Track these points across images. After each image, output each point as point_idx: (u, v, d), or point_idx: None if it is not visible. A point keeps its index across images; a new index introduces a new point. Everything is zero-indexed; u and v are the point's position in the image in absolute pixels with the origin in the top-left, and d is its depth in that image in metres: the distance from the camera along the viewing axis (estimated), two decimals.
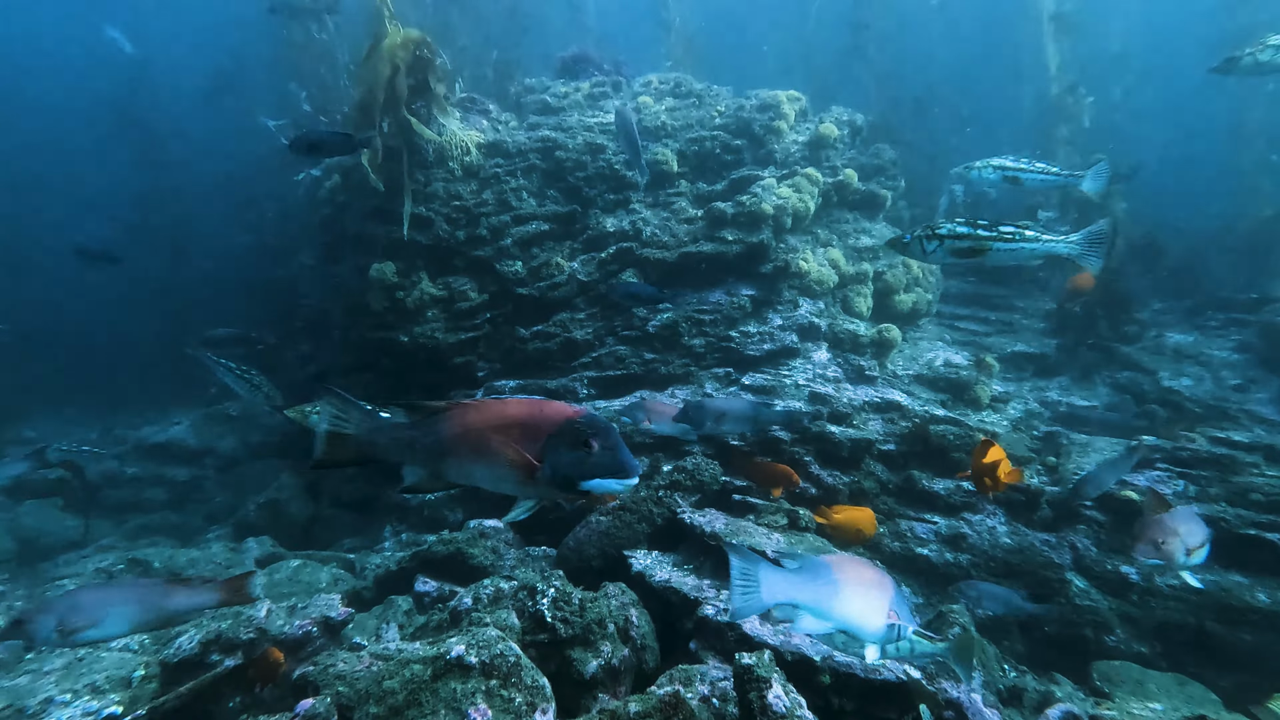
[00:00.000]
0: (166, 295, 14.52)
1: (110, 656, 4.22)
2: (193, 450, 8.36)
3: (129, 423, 9.46)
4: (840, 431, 6.24)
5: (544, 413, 2.24)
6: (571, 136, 8.27)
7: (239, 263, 13.53)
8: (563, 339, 7.74)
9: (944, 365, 7.21)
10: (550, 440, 2.17)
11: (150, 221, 15.79)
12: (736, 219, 7.59)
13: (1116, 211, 9.16)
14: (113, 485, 7.85)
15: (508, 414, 2.28)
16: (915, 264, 7.75)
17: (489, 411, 2.32)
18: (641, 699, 2.55)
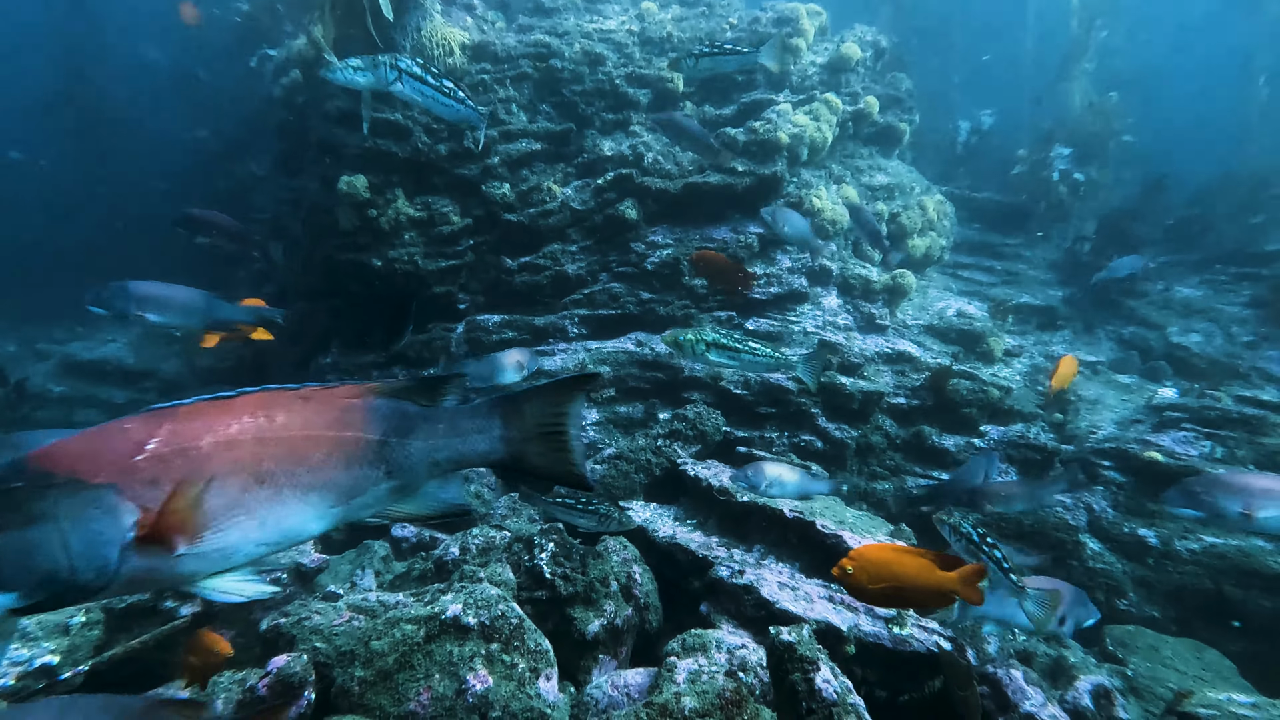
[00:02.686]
0: (93, 201, 13.01)
1: None
2: (131, 370, 7.54)
3: (53, 337, 8.50)
4: (851, 383, 5.91)
5: None
6: (568, 44, 7.38)
7: (179, 165, 12.17)
8: (553, 272, 7.12)
9: (956, 315, 6.89)
10: None
11: (74, 117, 14.03)
12: (748, 147, 6.96)
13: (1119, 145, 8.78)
14: (37, 404, 7.04)
15: None
16: (931, 206, 7.30)
17: None
18: (698, 695, 2.20)
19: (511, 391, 1.85)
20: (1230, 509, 3.13)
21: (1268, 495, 3.11)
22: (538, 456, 1.80)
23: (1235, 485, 3.20)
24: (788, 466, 4.42)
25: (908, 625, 3.57)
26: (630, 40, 7.65)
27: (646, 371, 6.68)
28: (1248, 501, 3.12)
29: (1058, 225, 8.67)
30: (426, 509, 1.81)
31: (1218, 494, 3.18)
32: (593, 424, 6.43)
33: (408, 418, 1.73)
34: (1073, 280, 7.86)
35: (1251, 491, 3.10)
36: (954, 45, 11.67)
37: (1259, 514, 3.09)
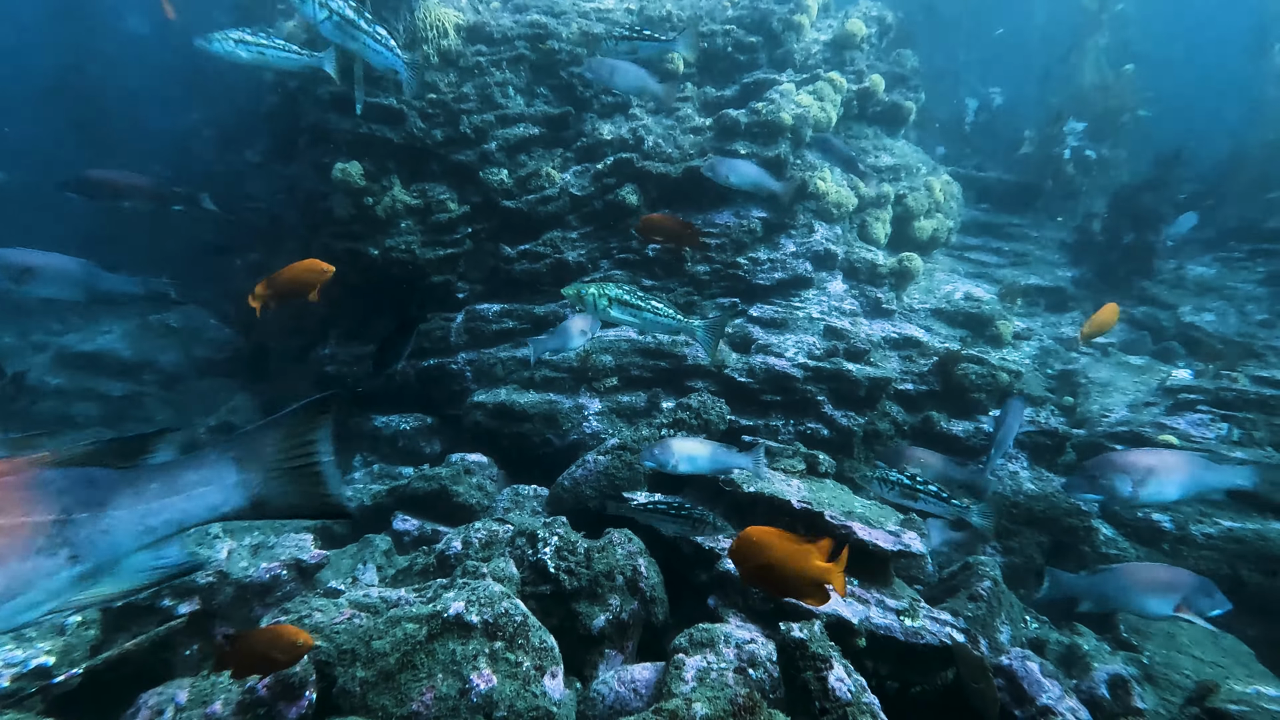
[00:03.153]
0: None
1: None
2: (128, 363, 7.46)
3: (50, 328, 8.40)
4: (858, 370, 5.80)
5: None
6: (565, 24, 7.19)
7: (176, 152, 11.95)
8: (553, 260, 7.00)
9: (964, 299, 6.76)
10: None
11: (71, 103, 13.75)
12: (750, 129, 6.80)
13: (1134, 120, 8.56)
14: (34, 396, 6.96)
15: None
16: (937, 187, 7.14)
17: None
18: (709, 700, 2.12)
19: (241, 430, 1.63)
20: (1121, 488, 3.11)
21: (1150, 472, 3.10)
22: (287, 495, 1.59)
23: (1123, 464, 3.16)
24: (698, 441, 4.24)
25: (920, 617, 3.50)
26: (629, 19, 7.45)
27: (649, 360, 6.58)
28: (1134, 479, 3.11)
29: (1067, 204, 8.49)
30: (135, 583, 1.53)
31: (1111, 475, 3.16)
32: (595, 414, 6.35)
33: (98, 485, 1.44)
34: (1083, 260, 7.70)
35: (1137, 469, 3.09)
36: (961, 21, 11.39)
37: (1142, 491, 3.08)
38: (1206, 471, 3.11)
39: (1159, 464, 3.15)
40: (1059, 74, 9.63)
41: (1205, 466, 3.14)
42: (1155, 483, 3.10)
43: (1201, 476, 3.11)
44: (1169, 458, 3.22)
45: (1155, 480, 3.10)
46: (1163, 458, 3.21)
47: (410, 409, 6.95)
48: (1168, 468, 3.14)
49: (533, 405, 6.37)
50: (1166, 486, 3.12)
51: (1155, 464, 3.14)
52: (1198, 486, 3.13)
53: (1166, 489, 3.12)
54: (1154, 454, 3.25)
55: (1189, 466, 3.15)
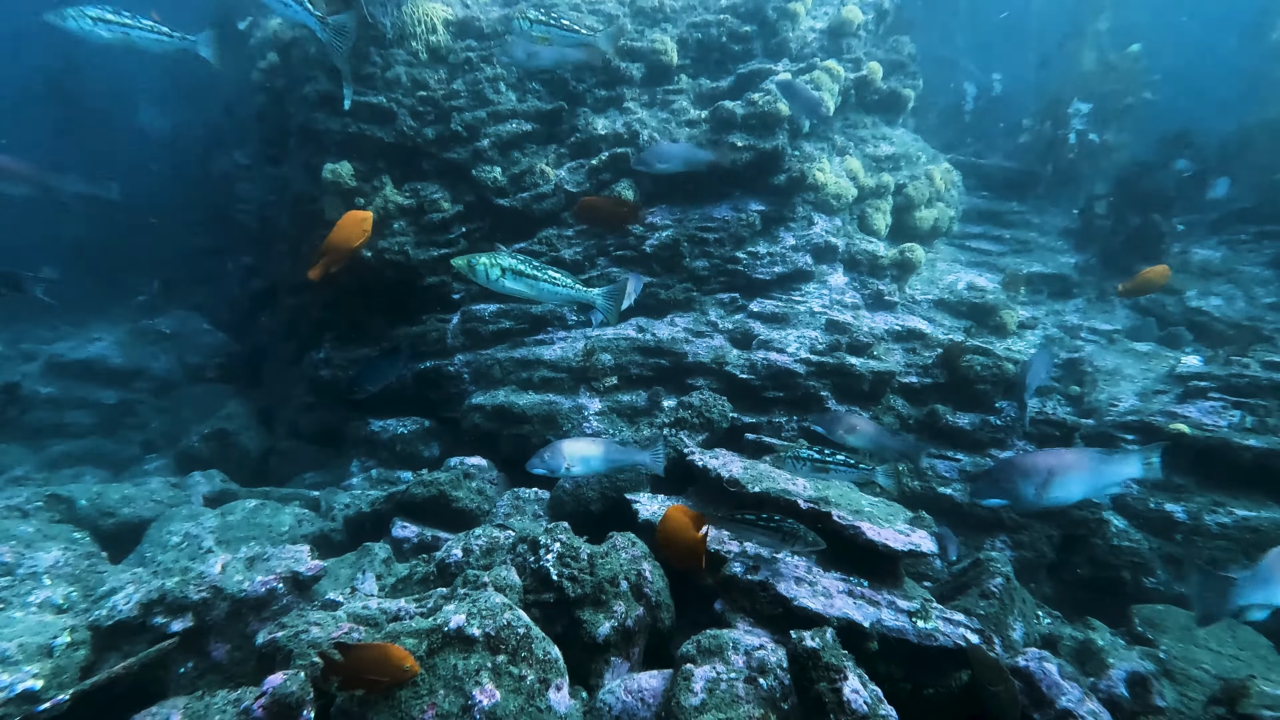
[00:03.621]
0: None
1: (25, 619, 3.53)
2: (120, 370, 7.35)
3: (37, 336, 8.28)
4: (861, 364, 5.70)
5: None
6: None
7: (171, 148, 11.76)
8: (549, 258, 6.88)
9: (967, 289, 6.66)
10: None
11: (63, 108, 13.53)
12: (747, 121, 6.67)
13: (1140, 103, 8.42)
14: (24, 405, 6.85)
15: None
16: (938, 175, 7.02)
17: None
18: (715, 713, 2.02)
19: None
20: (1025, 492, 3.05)
21: (1052, 473, 3.03)
22: None
23: (1025, 467, 3.08)
24: (590, 441, 4.03)
25: (932, 618, 3.41)
26: (621, 11, 7.32)
27: (649, 358, 6.49)
28: (1036, 482, 3.04)
29: (1069, 189, 8.37)
30: None
31: (1015, 478, 3.09)
32: (595, 414, 6.26)
33: None
34: (1086, 245, 7.59)
35: (1039, 471, 3.02)
36: (958, 6, 11.23)
37: (1045, 494, 3.01)
38: (1104, 465, 3.05)
39: (1059, 464, 3.07)
40: (1057, 59, 9.50)
41: (1101, 460, 3.06)
42: (1057, 484, 3.05)
43: (1100, 471, 3.05)
44: (1068, 456, 3.14)
45: (1057, 481, 3.06)
46: (1062, 458, 3.13)
47: (408, 412, 6.85)
48: (1067, 467, 3.08)
49: (532, 406, 6.27)
50: (1068, 486, 3.06)
51: (1055, 464, 3.07)
52: (1097, 482, 3.06)
53: (1069, 489, 3.05)
54: (1054, 454, 3.20)
55: (1087, 463, 3.07)
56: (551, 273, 3.95)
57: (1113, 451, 3.16)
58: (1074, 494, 3.07)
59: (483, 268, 3.77)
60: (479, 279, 3.78)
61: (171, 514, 4.75)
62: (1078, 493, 3.07)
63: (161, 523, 4.79)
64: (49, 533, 4.27)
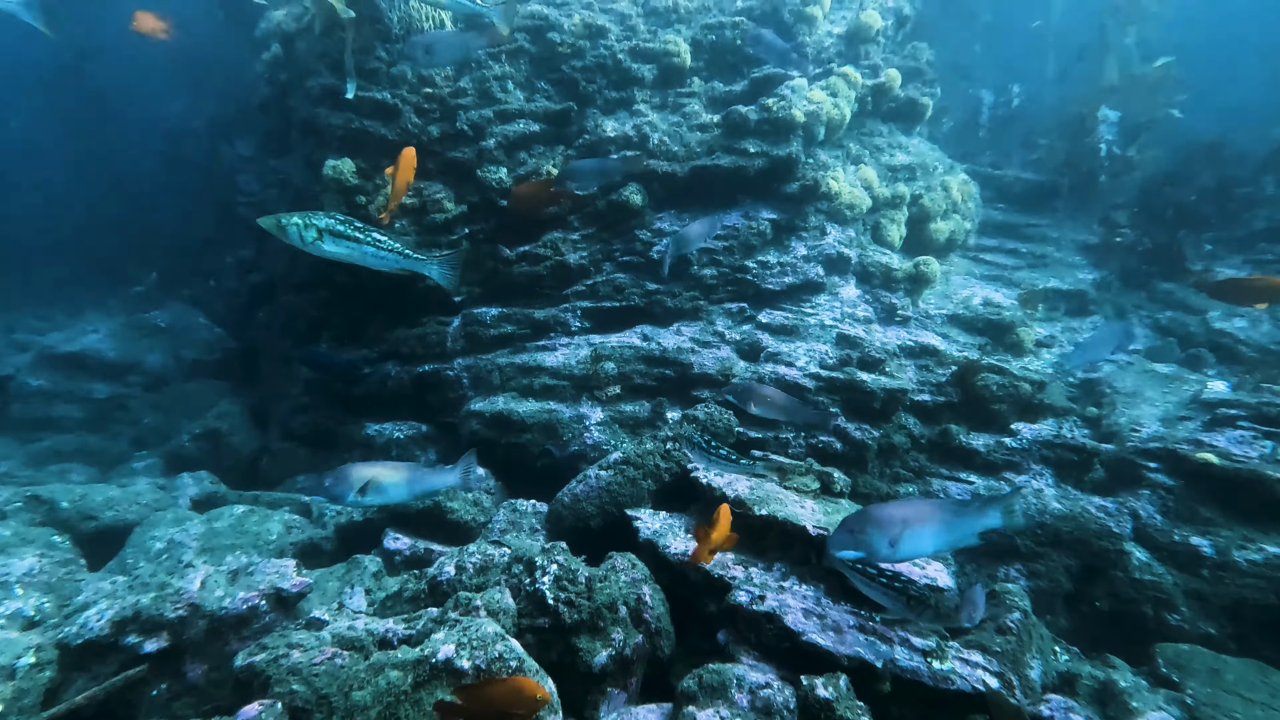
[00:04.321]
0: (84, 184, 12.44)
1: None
2: (113, 364, 7.18)
3: (30, 326, 8.13)
4: (872, 380, 5.52)
5: None
6: (566, 14, 6.89)
7: (173, 146, 11.61)
8: (554, 262, 6.72)
9: (983, 304, 6.46)
10: None
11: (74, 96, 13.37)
12: (760, 127, 6.49)
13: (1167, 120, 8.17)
14: (13, 397, 6.70)
15: None
16: (955, 187, 6.83)
17: None
18: None
19: None
20: (879, 545, 2.89)
21: (906, 524, 2.88)
22: None
23: (880, 519, 2.91)
24: (386, 466, 3.58)
25: (949, 658, 3.22)
26: (634, 11, 7.15)
27: (654, 368, 6.31)
28: (890, 535, 2.87)
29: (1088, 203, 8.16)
30: None
31: (870, 529, 2.91)
32: (597, 424, 6.09)
33: None
34: (1105, 262, 7.39)
35: (894, 523, 2.86)
36: (978, 14, 11.02)
37: (899, 548, 2.86)
38: (961, 517, 2.90)
39: (915, 515, 2.91)
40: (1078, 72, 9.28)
41: (956, 513, 2.91)
42: (911, 536, 2.87)
43: (954, 524, 2.89)
44: (923, 508, 2.96)
45: (911, 533, 2.87)
46: (917, 508, 2.96)
47: (405, 416, 6.68)
48: (923, 518, 2.90)
49: (532, 415, 6.10)
50: (922, 539, 2.88)
51: (911, 515, 2.91)
52: (951, 535, 2.91)
53: (923, 542, 2.88)
54: (908, 505, 3.02)
55: (941, 515, 2.92)
56: (377, 235, 3.56)
57: (969, 502, 2.98)
58: (929, 547, 2.90)
59: (295, 228, 3.36)
60: (291, 240, 3.35)
61: (157, 518, 4.59)
62: (931, 546, 2.89)
63: (146, 527, 4.63)
64: (27, 536, 4.11)
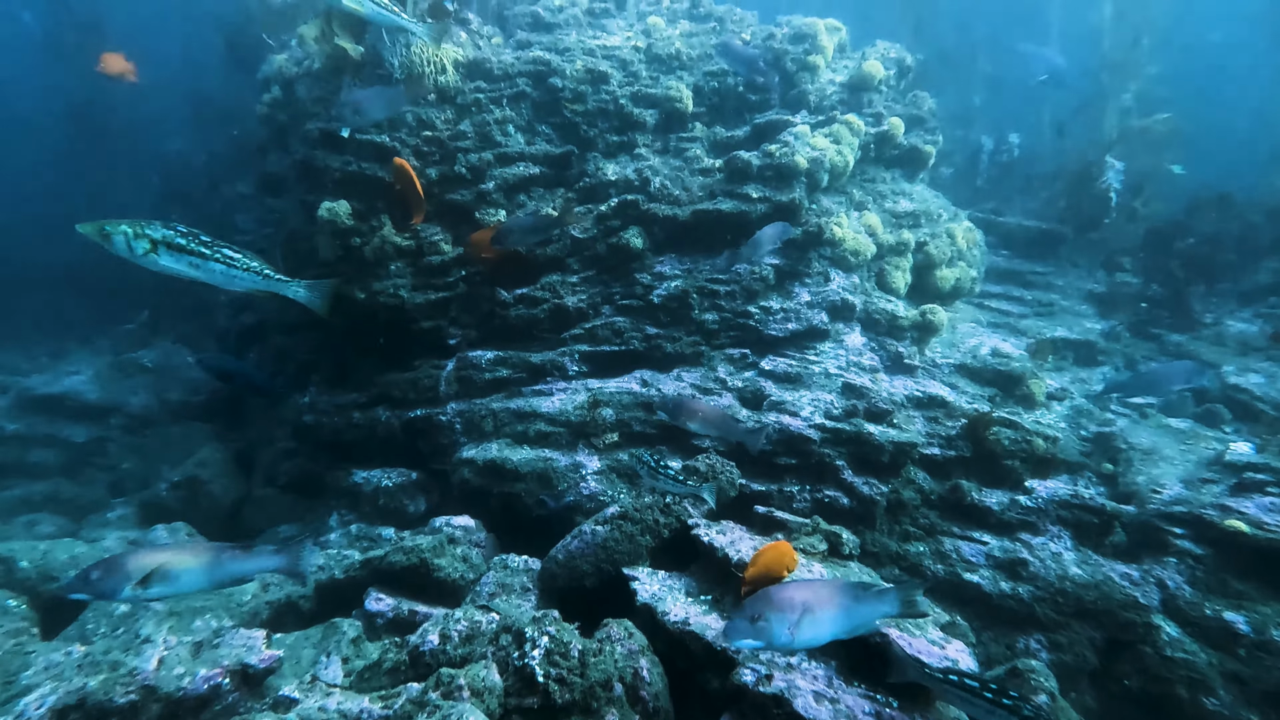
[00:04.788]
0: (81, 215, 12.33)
1: None
2: (94, 406, 6.95)
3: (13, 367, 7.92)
4: (880, 433, 5.31)
5: None
6: (569, 60, 6.91)
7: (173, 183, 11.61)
8: (551, 305, 6.58)
9: (991, 354, 6.30)
10: None
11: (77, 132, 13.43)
12: (763, 173, 6.44)
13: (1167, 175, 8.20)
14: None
15: None
16: (960, 234, 6.75)
17: None
18: None
19: None
20: (779, 633, 2.67)
21: (807, 610, 2.71)
22: None
23: (783, 602, 2.72)
24: (181, 551, 2.86)
25: None
26: (636, 57, 7.18)
27: (654, 415, 6.10)
28: (790, 621, 2.67)
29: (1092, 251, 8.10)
30: None
31: (770, 615, 2.69)
32: (593, 473, 5.86)
33: None
34: (1113, 311, 7.28)
35: (794, 607, 2.67)
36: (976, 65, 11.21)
37: (798, 635, 2.68)
38: (857, 604, 2.77)
39: (814, 599, 2.74)
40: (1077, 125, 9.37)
41: (855, 598, 2.77)
42: (810, 622, 2.69)
43: (853, 610, 2.76)
44: (822, 591, 2.79)
45: (810, 619, 2.70)
46: (816, 591, 2.78)
47: (394, 462, 6.44)
48: (821, 603, 2.73)
49: (526, 463, 5.87)
50: (821, 626, 2.71)
51: (811, 599, 2.74)
52: (851, 621, 2.77)
53: (821, 629, 2.72)
54: (807, 588, 2.82)
55: (840, 599, 2.77)
56: (229, 252, 3.13)
57: (869, 587, 2.78)
58: (826, 634, 2.73)
59: (122, 238, 2.90)
60: (118, 251, 2.91)
61: None
62: (829, 632, 2.73)
63: None
64: None
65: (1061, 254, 8.14)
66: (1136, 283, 7.12)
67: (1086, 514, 4.87)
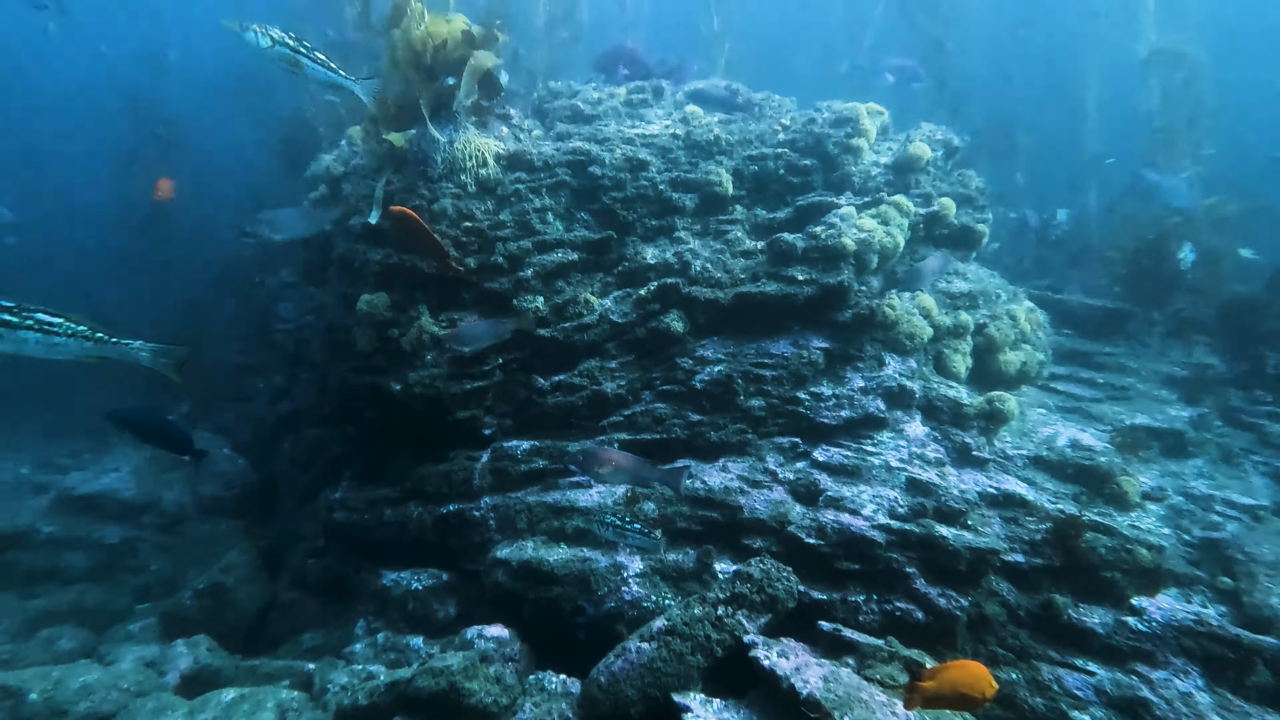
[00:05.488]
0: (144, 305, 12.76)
1: None
2: (128, 504, 6.85)
3: (58, 464, 7.95)
4: (954, 536, 4.78)
5: None
6: (608, 149, 6.96)
7: (226, 265, 12.03)
8: (590, 392, 6.34)
9: (1071, 447, 5.76)
10: None
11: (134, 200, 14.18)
12: (808, 254, 6.23)
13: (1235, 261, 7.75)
14: (23, 547, 6.33)
15: None
16: (1022, 315, 6.36)
17: None
18: None
19: None
20: None
21: None
22: None
23: None
24: None
25: None
26: (675, 144, 7.21)
27: (698, 510, 5.69)
28: None
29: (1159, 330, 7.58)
30: None
31: None
32: (635, 575, 5.40)
33: None
34: (1199, 397, 6.68)
35: None
36: (1018, 146, 11.12)
37: None
38: None
39: None
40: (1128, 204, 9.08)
41: None
42: None
43: None
44: None
45: None
46: None
47: (425, 562, 6.09)
48: None
49: (563, 564, 5.46)
50: None
51: None
52: None
53: None
54: None
55: None
56: (44, 318, 3.06)
57: None
58: None
59: None
60: None
61: (136, 708, 3.97)
62: None
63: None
64: None
65: (1130, 333, 7.63)
66: (1220, 365, 6.56)
67: (1217, 645, 4.19)
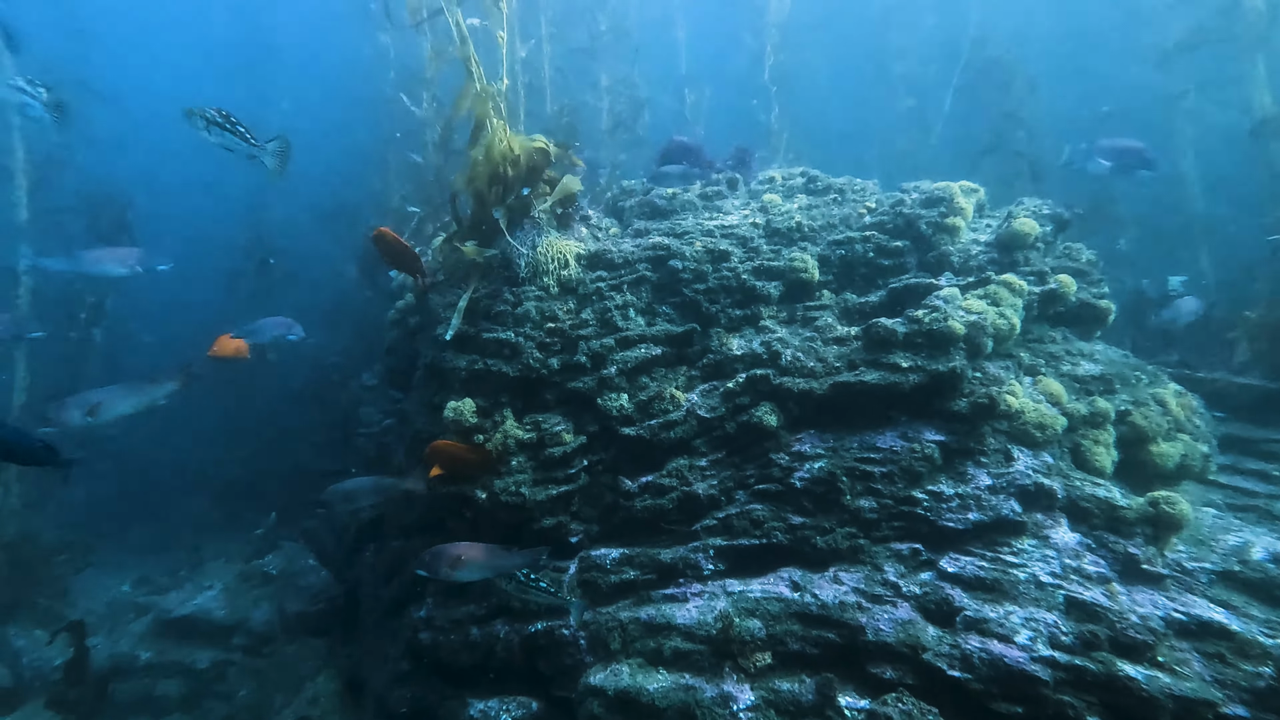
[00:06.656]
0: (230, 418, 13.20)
1: None
2: (220, 625, 6.78)
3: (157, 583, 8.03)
4: (1145, 677, 3.94)
5: None
6: (688, 243, 6.87)
7: (303, 374, 12.44)
8: (680, 493, 5.92)
9: (1270, 559, 4.82)
10: None
11: None
12: (911, 340, 5.77)
13: None
14: (123, 676, 6.27)
15: None
16: (1173, 402, 5.59)
17: None
18: None
19: None
20: None
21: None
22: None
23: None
24: None
25: None
26: (755, 233, 7.07)
27: (811, 629, 5.03)
28: None
29: None
30: None
31: None
32: (747, 709, 4.75)
33: None
34: None
35: None
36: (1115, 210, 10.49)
37: None
38: None
39: None
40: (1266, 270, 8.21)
41: None
42: None
43: None
44: None
45: None
46: None
47: (513, 689, 5.61)
48: None
49: (664, 694, 4.87)
50: None
51: None
52: None
53: None
54: None
55: None
56: None
57: None
58: None
59: None
60: None
61: None
62: None
63: None
64: None
65: None
66: None
67: None
